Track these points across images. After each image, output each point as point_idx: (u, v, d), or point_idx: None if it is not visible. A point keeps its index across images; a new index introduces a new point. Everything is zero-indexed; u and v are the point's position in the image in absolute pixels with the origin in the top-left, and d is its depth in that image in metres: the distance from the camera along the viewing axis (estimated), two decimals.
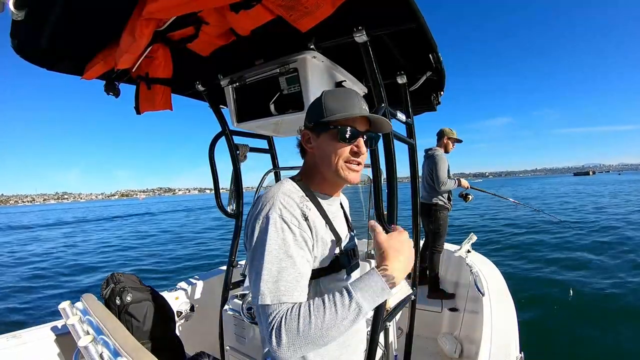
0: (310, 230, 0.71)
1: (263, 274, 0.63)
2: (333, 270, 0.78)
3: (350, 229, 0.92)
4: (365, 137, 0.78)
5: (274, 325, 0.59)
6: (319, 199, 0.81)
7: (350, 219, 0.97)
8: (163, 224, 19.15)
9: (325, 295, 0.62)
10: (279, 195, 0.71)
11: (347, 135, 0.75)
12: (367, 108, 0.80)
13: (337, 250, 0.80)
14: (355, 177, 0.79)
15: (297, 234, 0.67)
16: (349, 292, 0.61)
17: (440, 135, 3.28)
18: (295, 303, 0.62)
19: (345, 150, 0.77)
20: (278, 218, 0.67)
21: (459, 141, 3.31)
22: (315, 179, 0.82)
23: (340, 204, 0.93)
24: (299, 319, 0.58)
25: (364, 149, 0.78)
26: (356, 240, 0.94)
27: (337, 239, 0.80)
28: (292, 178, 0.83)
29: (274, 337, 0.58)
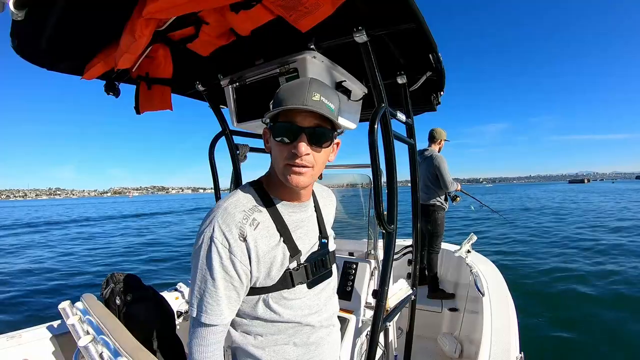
0: (248, 251, 0.68)
1: (195, 288, 0.68)
2: (283, 287, 0.74)
3: (323, 236, 0.85)
4: (307, 134, 0.67)
5: (191, 344, 0.69)
6: (279, 208, 0.75)
7: (325, 224, 0.88)
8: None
9: None
10: (219, 212, 0.69)
11: (280, 133, 0.68)
12: (321, 97, 0.67)
13: (292, 265, 0.74)
14: (299, 181, 0.69)
15: (223, 257, 0.66)
16: None
17: (435, 136, 3.29)
18: (213, 345, 0.69)
19: (285, 150, 0.68)
20: (208, 238, 0.66)
21: (447, 141, 3.37)
22: (275, 183, 0.75)
23: (316, 207, 0.86)
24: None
25: (301, 150, 0.66)
26: (331, 245, 0.88)
27: (293, 253, 0.74)
28: (253, 182, 0.78)
29: (191, 352, 0.69)
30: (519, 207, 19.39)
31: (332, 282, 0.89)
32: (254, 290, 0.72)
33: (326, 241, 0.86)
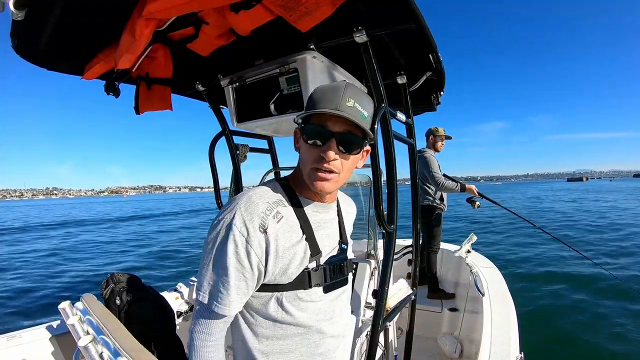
0: (267, 244, 0.66)
1: (206, 275, 0.66)
2: (299, 286, 0.71)
3: (343, 241, 0.83)
4: (337, 139, 0.66)
5: (193, 330, 0.68)
6: (304, 206, 0.74)
7: (346, 230, 0.88)
8: None
9: None
10: (243, 200, 0.68)
11: (310, 135, 0.67)
12: (355, 103, 0.67)
13: (312, 265, 0.72)
14: (324, 187, 0.68)
15: (239, 246, 0.64)
16: None
17: (427, 134, 3.27)
18: (215, 335, 0.67)
19: (313, 153, 0.68)
20: (227, 225, 0.65)
21: (448, 138, 3.27)
22: (301, 183, 0.74)
23: (339, 212, 0.85)
24: (197, 351, 0.66)
25: (330, 155, 0.65)
26: (351, 253, 0.86)
27: (314, 252, 0.72)
28: (280, 179, 0.78)
29: (192, 338, 0.68)
30: None
31: (347, 291, 0.87)
32: (267, 287, 0.70)
33: (346, 247, 0.84)
